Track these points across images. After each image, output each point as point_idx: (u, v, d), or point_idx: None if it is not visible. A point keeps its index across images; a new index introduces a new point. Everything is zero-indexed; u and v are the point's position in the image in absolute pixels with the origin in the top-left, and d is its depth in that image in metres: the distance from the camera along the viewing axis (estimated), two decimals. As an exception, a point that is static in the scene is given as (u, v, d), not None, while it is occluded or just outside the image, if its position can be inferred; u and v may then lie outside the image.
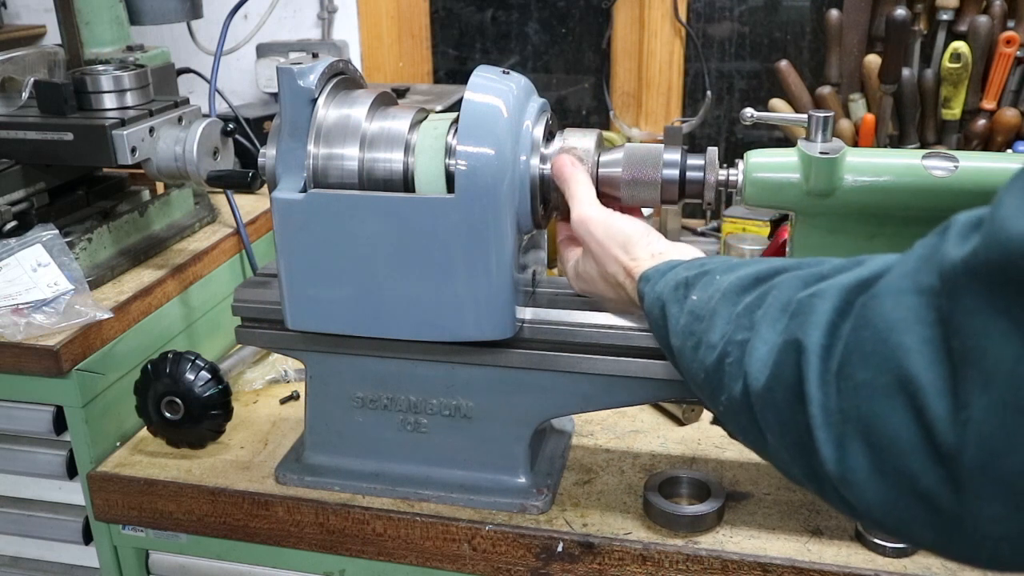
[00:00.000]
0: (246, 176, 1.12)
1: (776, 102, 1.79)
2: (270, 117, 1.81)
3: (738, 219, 1.63)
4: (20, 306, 1.15)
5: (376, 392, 1.07)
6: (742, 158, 1.00)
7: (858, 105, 1.72)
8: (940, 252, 0.51)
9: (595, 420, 1.23)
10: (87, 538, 1.23)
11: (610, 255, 0.90)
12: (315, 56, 0.98)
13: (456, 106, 1.14)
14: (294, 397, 1.31)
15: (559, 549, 1.01)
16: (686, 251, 0.89)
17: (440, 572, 1.07)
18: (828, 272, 0.63)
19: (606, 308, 0.99)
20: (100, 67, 1.31)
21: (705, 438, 1.18)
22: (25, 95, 1.27)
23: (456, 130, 0.92)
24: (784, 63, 1.76)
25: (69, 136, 1.20)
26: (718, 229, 1.72)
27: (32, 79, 1.26)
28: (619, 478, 1.11)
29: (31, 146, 1.22)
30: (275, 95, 1.54)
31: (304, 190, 0.96)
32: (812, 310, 0.59)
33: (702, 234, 1.80)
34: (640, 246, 0.89)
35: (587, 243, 0.92)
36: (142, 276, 1.30)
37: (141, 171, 1.29)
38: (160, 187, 1.51)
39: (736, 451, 1.15)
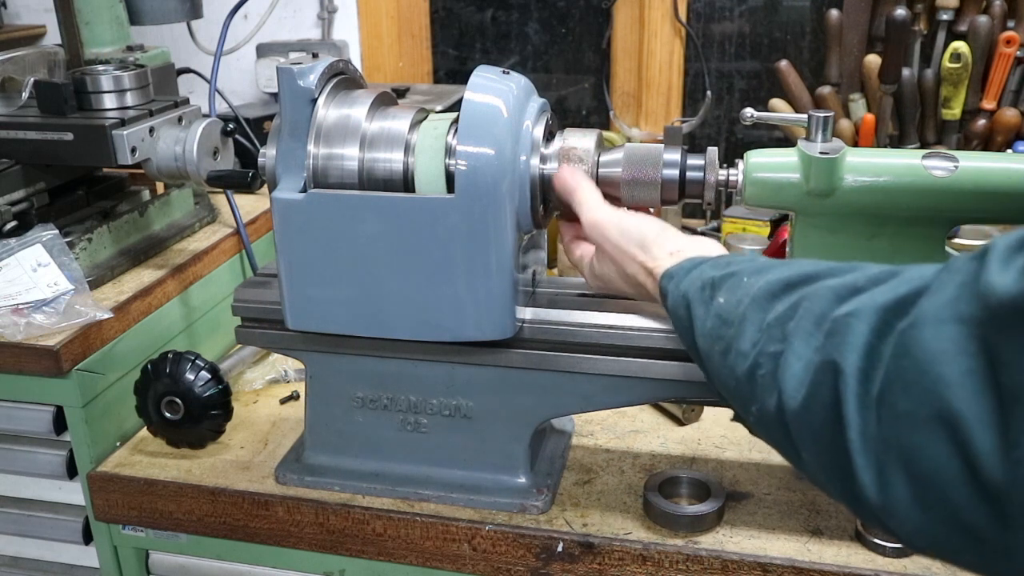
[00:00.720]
0: (246, 176, 1.12)
1: (776, 102, 1.79)
2: (270, 117, 1.81)
3: (738, 219, 1.63)
4: (20, 306, 1.15)
5: (376, 392, 1.07)
6: (742, 158, 1.00)
7: (858, 105, 1.72)
8: (982, 280, 0.49)
9: (595, 420, 1.23)
10: (87, 538, 1.23)
11: (627, 255, 0.89)
12: (315, 56, 0.98)
13: (456, 106, 1.14)
14: (294, 397, 1.31)
15: (559, 549, 1.01)
16: (704, 246, 0.88)
17: (440, 572, 1.07)
18: (862, 284, 0.61)
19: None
20: (100, 67, 1.31)
21: (705, 438, 1.18)
22: (25, 95, 1.27)
23: (456, 130, 0.92)
24: (784, 63, 1.77)
25: (69, 136, 1.20)
26: (718, 229, 1.72)
27: (32, 79, 1.26)
28: (619, 478, 1.11)
29: (31, 146, 1.22)
30: (275, 95, 1.54)
31: (304, 190, 0.96)
32: (849, 331, 0.58)
33: (702, 234, 1.80)
34: (657, 244, 0.88)
35: (602, 245, 0.92)
36: (142, 276, 1.30)
37: (141, 171, 1.29)
38: (160, 187, 1.51)
39: (736, 451, 1.15)
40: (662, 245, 0.88)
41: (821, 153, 0.96)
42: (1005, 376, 0.47)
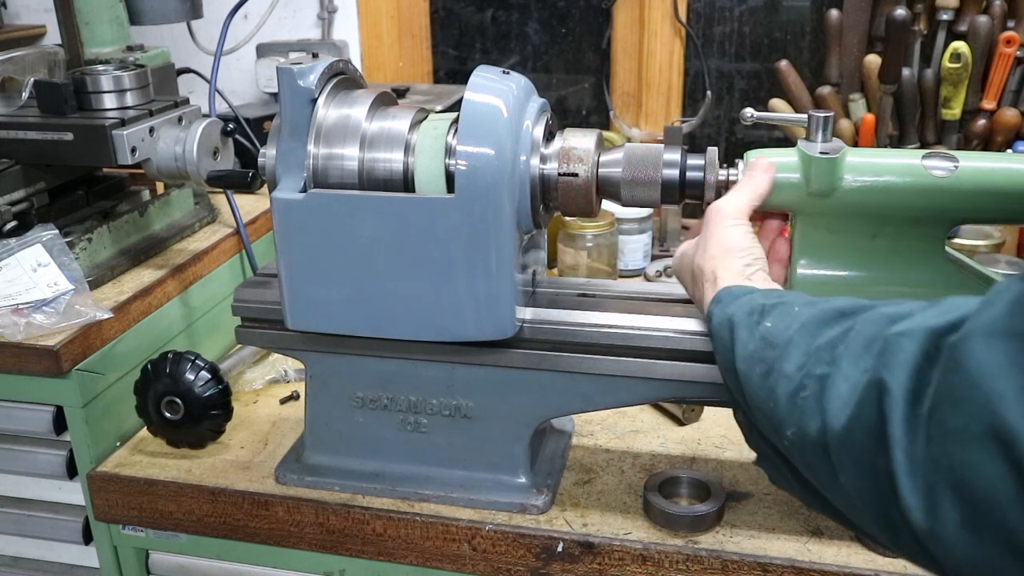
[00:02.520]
0: (246, 176, 1.12)
1: (776, 102, 1.79)
2: (270, 117, 1.81)
3: (738, 219, 1.63)
4: (20, 306, 1.15)
5: (376, 392, 1.07)
6: (742, 158, 1.00)
7: (858, 105, 1.72)
8: None
9: (595, 420, 1.23)
10: (87, 538, 1.23)
11: (711, 252, 0.88)
12: (315, 56, 0.98)
13: (456, 106, 1.14)
14: (294, 397, 1.31)
15: (559, 549, 1.01)
16: (772, 287, 0.86)
17: (440, 572, 1.07)
18: (916, 310, 0.60)
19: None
20: (100, 67, 1.31)
21: (705, 438, 1.18)
22: (25, 95, 1.27)
23: (456, 130, 0.92)
24: (784, 63, 1.77)
25: (69, 136, 1.20)
26: (718, 229, 1.72)
27: (32, 79, 1.26)
28: (619, 478, 1.11)
29: (31, 146, 1.22)
30: (275, 95, 1.54)
31: (304, 190, 0.96)
32: (898, 349, 0.56)
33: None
34: (737, 259, 0.86)
35: (705, 229, 0.91)
36: (142, 276, 1.30)
37: (141, 171, 1.29)
38: (160, 187, 1.51)
39: (736, 451, 1.15)
40: (740, 260, 0.86)
41: (821, 153, 0.96)
42: None
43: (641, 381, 0.99)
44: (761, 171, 0.93)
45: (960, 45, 1.61)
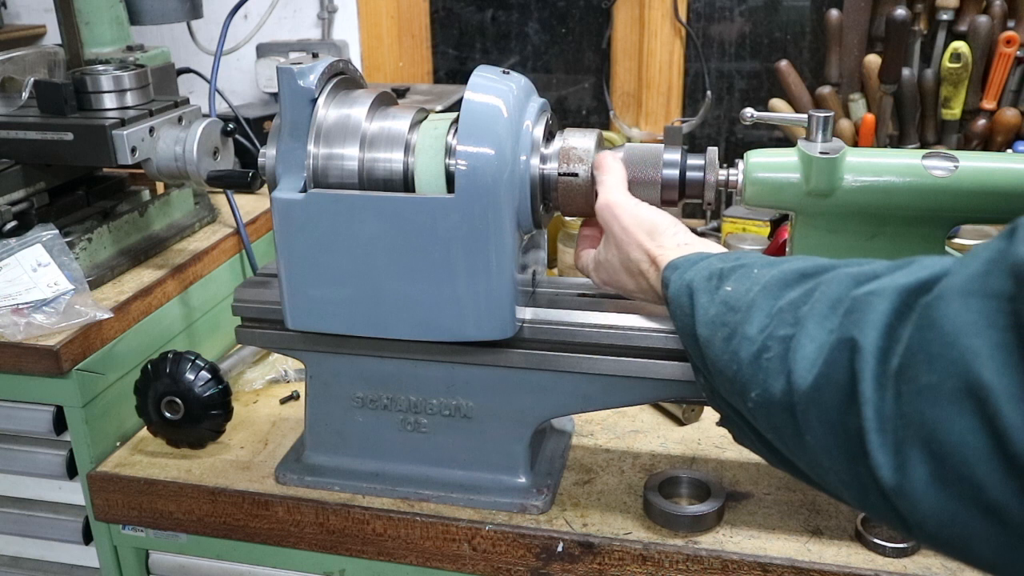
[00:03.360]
0: (246, 176, 1.12)
1: (776, 102, 1.79)
2: (270, 117, 1.81)
3: (738, 219, 1.63)
4: (20, 306, 1.15)
5: (376, 392, 1.07)
6: (742, 158, 1.00)
7: (858, 105, 1.72)
8: (1011, 254, 0.48)
9: (595, 420, 1.23)
10: (87, 538, 1.23)
11: (634, 241, 0.89)
12: (315, 56, 0.98)
13: (456, 106, 1.14)
14: (294, 397, 1.31)
15: (559, 549, 1.01)
16: (712, 246, 0.88)
17: (440, 572, 1.07)
18: (882, 271, 0.61)
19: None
20: (100, 67, 1.31)
21: (705, 438, 1.18)
22: (25, 95, 1.27)
23: (456, 130, 0.92)
24: (784, 63, 1.77)
25: (69, 136, 1.20)
26: (718, 229, 1.72)
27: (32, 79, 1.26)
28: (619, 478, 1.11)
29: (31, 146, 1.22)
30: (275, 95, 1.54)
31: (304, 190, 0.96)
32: (869, 308, 0.57)
33: (702, 234, 1.80)
34: (667, 235, 0.89)
35: (611, 228, 0.91)
36: (142, 276, 1.30)
37: (141, 171, 1.29)
38: (160, 187, 1.51)
39: (736, 451, 1.15)
40: (672, 236, 0.88)
41: (821, 153, 0.96)
42: None
43: (641, 381, 0.99)
44: (610, 159, 0.95)
45: (960, 45, 1.61)
